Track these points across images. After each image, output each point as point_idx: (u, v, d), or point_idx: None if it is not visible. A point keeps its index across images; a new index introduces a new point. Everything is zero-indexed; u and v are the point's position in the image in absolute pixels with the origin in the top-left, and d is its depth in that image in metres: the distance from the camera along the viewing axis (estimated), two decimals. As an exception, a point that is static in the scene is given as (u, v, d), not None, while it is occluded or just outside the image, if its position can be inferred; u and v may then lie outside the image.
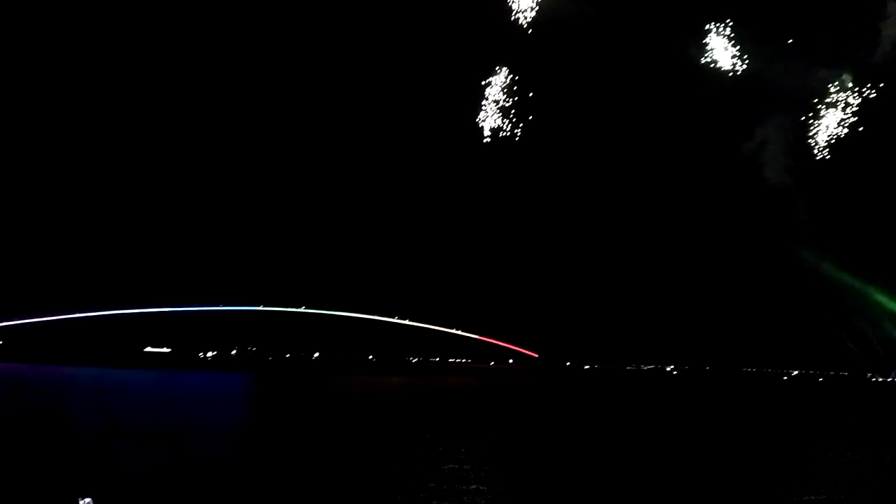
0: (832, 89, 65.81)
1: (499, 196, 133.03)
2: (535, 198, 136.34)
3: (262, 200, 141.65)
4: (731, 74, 71.06)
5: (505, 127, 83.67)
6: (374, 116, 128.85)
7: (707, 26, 75.06)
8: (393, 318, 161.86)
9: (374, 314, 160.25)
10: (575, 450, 27.45)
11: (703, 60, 73.65)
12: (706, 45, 72.93)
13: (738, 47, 71.04)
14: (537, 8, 73.53)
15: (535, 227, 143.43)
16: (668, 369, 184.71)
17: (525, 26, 74.80)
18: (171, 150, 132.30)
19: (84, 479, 18.17)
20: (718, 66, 71.28)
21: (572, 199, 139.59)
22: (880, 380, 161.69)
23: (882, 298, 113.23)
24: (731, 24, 71.53)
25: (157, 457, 22.19)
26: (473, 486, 18.77)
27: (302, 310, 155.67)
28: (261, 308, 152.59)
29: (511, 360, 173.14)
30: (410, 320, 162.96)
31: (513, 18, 76.75)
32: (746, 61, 69.93)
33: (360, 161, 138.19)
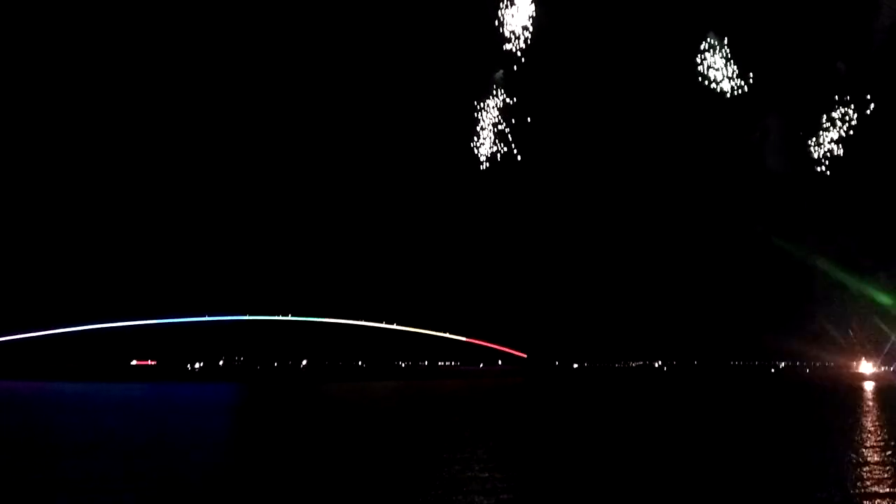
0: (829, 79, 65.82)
1: (486, 200, 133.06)
2: (522, 202, 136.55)
3: (247, 209, 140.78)
4: (729, 94, 70.84)
5: (500, 146, 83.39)
6: (356, 120, 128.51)
7: (702, 45, 74.65)
8: (381, 323, 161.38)
9: (361, 320, 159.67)
10: (578, 450, 27.04)
11: (700, 79, 73.36)
12: (702, 63, 72.60)
13: (735, 65, 70.85)
14: (532, 30, 73.24)
15: (521, 229, 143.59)
16: (657, 365, 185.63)
17: (519, 51, 74.53)
18: (154, 162, 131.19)
19: (73, 497, 17.57)
20: (717, 84, 70.98)
21: (557, 202, 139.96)
22: (866, 370, 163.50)
23: (869, 291, 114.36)
24: (726, 41, 71.18)
25: (148, 472, 21.53)
26: (480, 495, 18.31)
27: (289, 318, 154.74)
28: (247, 317, 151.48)
29: (500, 362, 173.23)
30: (399, 325, 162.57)
31: (506, 45, 76.42)
32: (746, 77, 69.66)
33: (345, 167, 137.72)
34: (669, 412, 47.55)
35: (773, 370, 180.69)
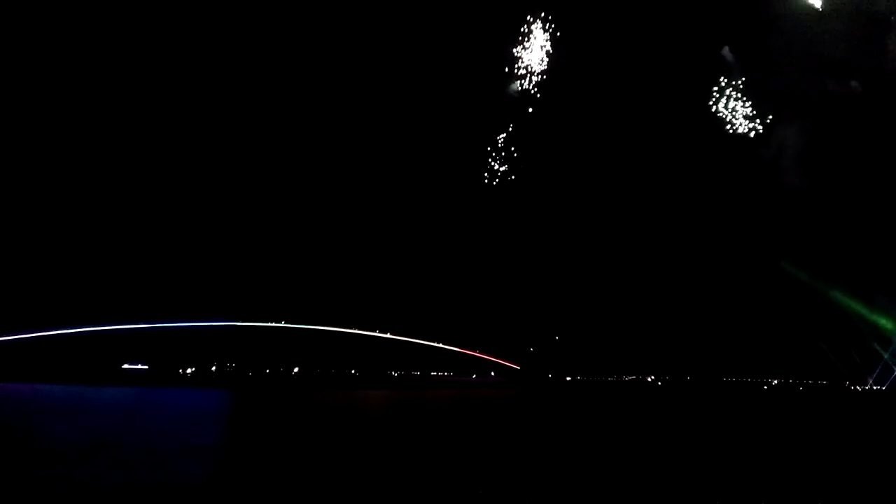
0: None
1: (480, 209, 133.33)
2: (516, 212, 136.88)
3: (240, 213, 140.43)
4: (745, 132, 70.82)
5: (502, 166, 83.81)
6: (354, 127, 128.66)
7: (716, 86, 74.28)
8: (374, 331, 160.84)
9: (354, 328, 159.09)
10: (583, 466, 26.73)
11: (716, 115, 73.09)
12: (717, 102, 72.41)
13: (749, 102, 70.77)
14: (547, 65, 73.69)
15: (515, 240, 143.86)
16: (650, 380, 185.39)
17: (534, 87, 75.20)
18: (147, 165, 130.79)
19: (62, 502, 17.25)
20: (732, 127, 70.65)
21: (552, 213, 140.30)
22: (858, 388, 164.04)
23: (862, 309, 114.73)
24: (742, 80, 71.10)
25: (144, 479, 21.15)
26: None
27: (282, 325, 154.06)
28: (240, 323, 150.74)
29: (493, 373, 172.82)
30: (392, 334, 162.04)
31: (521, 81, 77.01)
32: (763, 118, 69.53)
33: (340, 173, 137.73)
34: (667, 429, 47.28)
35: (765, 387, 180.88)
